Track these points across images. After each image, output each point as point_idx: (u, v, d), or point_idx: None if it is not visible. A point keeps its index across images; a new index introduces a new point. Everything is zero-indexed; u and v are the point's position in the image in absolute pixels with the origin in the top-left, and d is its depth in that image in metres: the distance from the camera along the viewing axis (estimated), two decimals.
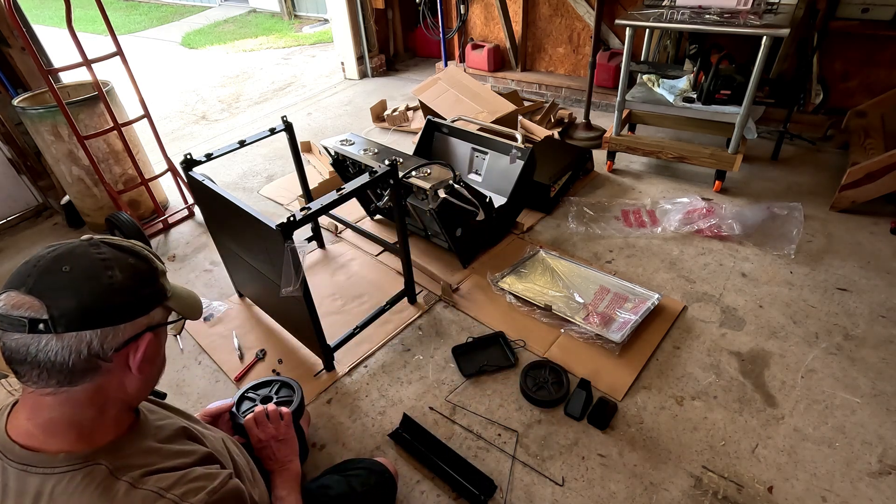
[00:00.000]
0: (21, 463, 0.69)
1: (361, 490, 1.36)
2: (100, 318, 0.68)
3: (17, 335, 0.66)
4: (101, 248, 0.73)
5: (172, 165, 2.94)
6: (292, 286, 1.58)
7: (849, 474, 1.56)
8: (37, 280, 0.67)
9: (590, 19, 3.99)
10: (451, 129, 2.79)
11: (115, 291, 0.70)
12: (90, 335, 0.68)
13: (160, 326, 0.78)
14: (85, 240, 0.74)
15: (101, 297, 0.69)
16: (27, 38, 2.29)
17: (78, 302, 0.67)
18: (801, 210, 2.62)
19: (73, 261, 0.70)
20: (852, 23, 3.04)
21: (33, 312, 0.65)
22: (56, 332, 0.66)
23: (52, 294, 0.67)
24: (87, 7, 6.58)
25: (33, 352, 0.66)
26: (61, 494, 0.67)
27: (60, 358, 0.67)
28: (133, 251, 0.76)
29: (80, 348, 0.67)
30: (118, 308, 0.70)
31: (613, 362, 1.94)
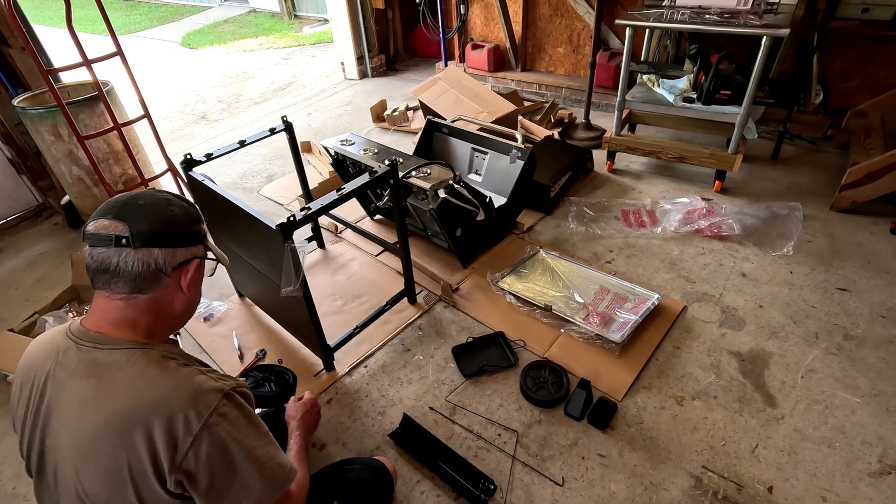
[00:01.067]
0: (93, 343, 0.89)
1: (356, 480, 1.37)
2: (165, 240, 0.90)
3: (104, 249, 0.86)
4: (164, 193, 0.97)
5: (172, 165, 2.93)
6: (292, 286, 1.58)
7: (849, 474, 1.56)
8: (120, 210, 0.89)
9: (590, 19, 3.99)
10: (451, 129, 2.79)
11: (175, 222, 0.93)
12: (157, 252, 0.89)
13: (202, 259, 1.00)
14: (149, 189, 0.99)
15: (166, 224, 0.91)
16: (27, 38, 2.29)
17: (150, 225, 0.89)
18: (801, 210, 2.62)
19: (145, 198, 0.93)
20: (852, 23, 3.04)
21: (118, 231, 0.87)
22: (134, 246, 0.87)
23: (132, 219, 0.88)
24: (87, 7, 6.58)
25: (115, 262, 0.86)
26: (125, 362, 0.87)
27: (135, 268, 0.87)
28: (186, 199, 1.00)
29: (149, 261, 0.88)
30: (177, 235, 0.93)
31: (613, 362, 1.94)
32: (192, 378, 0.88)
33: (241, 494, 0.88)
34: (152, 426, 0.81)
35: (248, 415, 0.91)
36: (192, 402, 0.83)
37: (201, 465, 0.83)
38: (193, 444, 0.82)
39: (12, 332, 2.18)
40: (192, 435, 0.82)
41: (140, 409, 0.82)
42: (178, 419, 0.82)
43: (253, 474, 0.88)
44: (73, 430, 0.84)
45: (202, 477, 0.83)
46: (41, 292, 2.59)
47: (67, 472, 0.85)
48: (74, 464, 0.84)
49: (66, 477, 0.86)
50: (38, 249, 2.96)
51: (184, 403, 0.83)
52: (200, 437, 0.82)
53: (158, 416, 0.81)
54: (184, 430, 0.82)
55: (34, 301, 2.52)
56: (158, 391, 0.84)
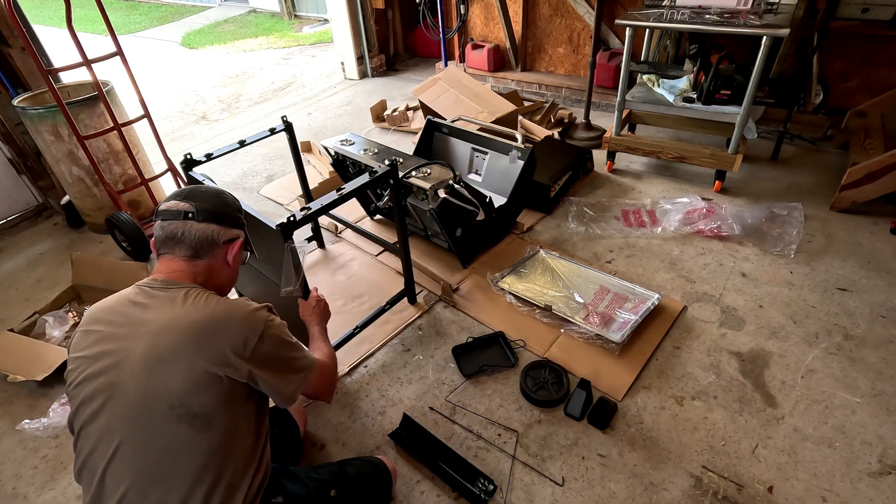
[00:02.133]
0: (162, 285, 1.12)
1: (354, 474, 1.37)
2: (220, 218, 1.19)
3: (175, 222, 1.14)
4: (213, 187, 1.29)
5: (172, 165, 2.93)
6: (292, 286, 1.58)
7: (849, 474, 1.56)
8: (188, 193, 1.18)
9: (590, 19, 3.99)
10: (451, 129, 2.79)
11: (229, 205, 1.23)
12: (214, 227, 1.17)
13: (244, 240, 1.27)
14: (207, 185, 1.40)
15: (223, 206, 1.21)
16: (27, 38, 2.29)
17: (211, 205, 1.18)
18: (801, 210, 2.62)
19: (203, 188, 1.24)
20: (852, 23, 3.04)
21: (188, 208, 1.15)
22: (198, 220, 1.15)
23: (198, 200, 1.17)
24: (87, 7, 6.58)
25: (181, 232, 1.14)
26: (192, 295, 1.10)
27: (196, 237, 1.15)
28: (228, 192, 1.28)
29: (207, 233, 1.16)
30: (229, 216, 1.21)
31: (613, 362, 1.94)
32: (245, 302, 1.15)
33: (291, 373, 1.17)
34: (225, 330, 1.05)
35: (283, 323, 1.20)
36: (251, 314, 1.11)
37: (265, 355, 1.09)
38: (259, 341, 1.08)
39: (12, 332, 2.18)
40: (257, 334, 1.08)
41: (213, 320, 1.06)
42: (245, 326, 1.08)
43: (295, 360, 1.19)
44: (149, 344, 1.02)
45: (267, 362, 1.10)
46: (41, 292, 2.59)
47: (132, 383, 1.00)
48: (145, 372, 1.00)
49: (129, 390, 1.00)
50: (38, 249, 2.96)
51: (245, 316, 1.10)
52: (263, 335, 1.09)
53: (229, 323, 1.07)
54: (251, 332, 1.08)
55: (34, 301, 2.52)
56: (224, 308, 1.09)
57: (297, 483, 1.25)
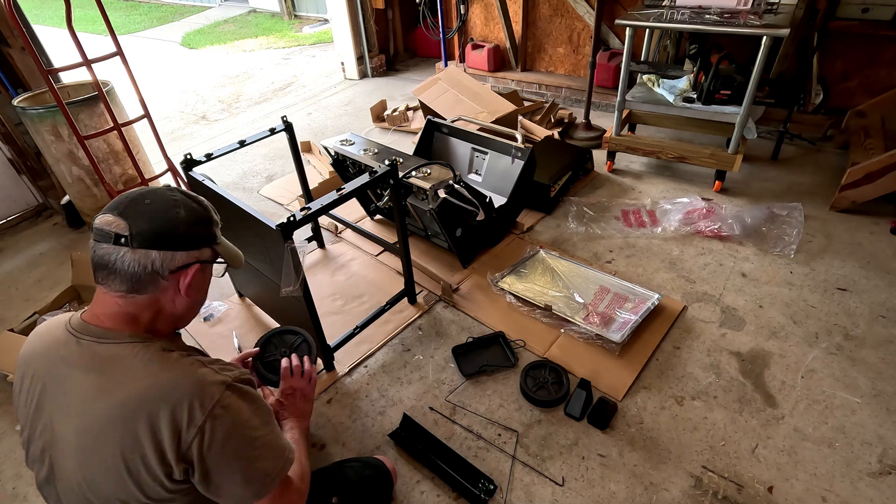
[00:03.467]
0: (94, 337, 0.89)
1: (355, 478, 1.37)
2: (163, 243, 0.89)
3: (105, 245, 0.86)
4: (175, 192, 0.95)
5: (172, 165, 2.93)
6: (292, 286, 1.58)
7: (849, 474, 1.56)
8: (126, 206, 0.89)
9: (590, 19, 3.99)
10: (451, 129, 2.79)
11: (179, 224, 0.91)
12: (154, 254, 0.88)
13: (206, 263, 0.98)
14: (165, 186, 0.98)
15: (168, 226, 0.90)
16: (27, 38, 2.29)
17: (150, 226, 0.88)
18: (801, 210, 2.62)
19: (153, 196, 0.92)
20: (852, 23, 3.04)
21: (119, 229, 0.86)
22: (131, 246, 0.86)
23: (135, 218, 0.87)
24: (87, 7, 6.58)
25: (114, 260, 0.86)
26: (126, 355, 0.88)
27: (131, 268, 0.87)
28: (197, 200, 0.98)
29: (146, 263, 0.88)
30: (178, 238, 0.91)
31: (613, 362, 1.94)
32: (196, 370, 0.89)
33: (241, 483, 0.89)
34: (156, 416, 0.82)
35: (250, 402, 0.92)
36: (195, 394, 0.85)
37: (205, 455, 0.84)
38: (197, 434, 0.83)
39: (12, 332, 2.18)
40: (195, 426, 0.83)
41: (143, 401, 0.83)
42: (182, 410, 0.83)
43: (254, 462, 0.90)
44: (77, 423, 0.86)
45: (205, 465, 0.85)
46: (41, 292, 2.59)
47: (70, 465, 0.87)
48: (78, 456, 0.86)
49: (67, 470, 0.88)
50: (38, 249, 2.96)
51: (187, 395, 0.84)
52: (204, 428, 0.84)
53: (162, 406, 0.83)
54: (188, 420, 0.83)
55: (34, 301, 2.52)
56: (161, 383, 0.85)
57: None
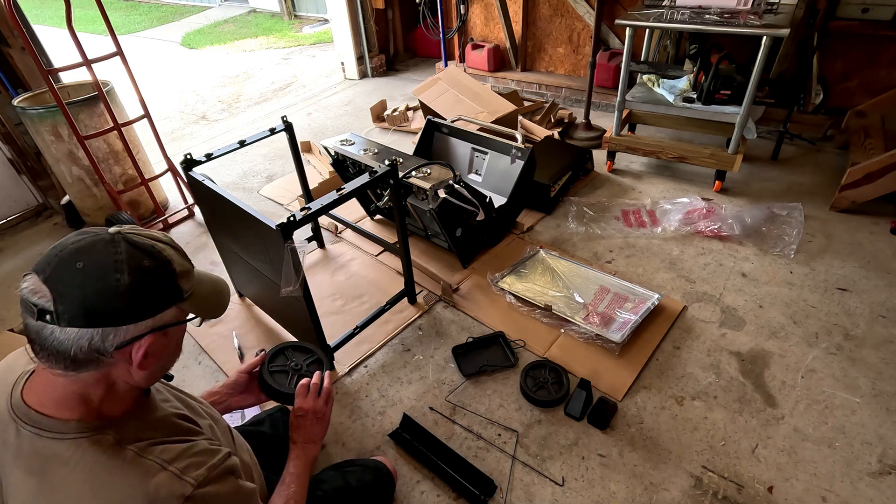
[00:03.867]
0: (35, 426, 0.74)
1: (356, 485, 1.36)
2: (101, 319, 0.71)
3: (29, 318, 0.70)
4: (120, 246, 0.74)
5: (172, 165, 2.94)
6: (292, 286, 1.58)
7: (849, 474, 1.56)
8: (53, 270, 0.70)
9: (590, 19, 3.99)
10: (451, 129, 2.79)
11: (119, 295, 0.71)
12: (91, 332, 0.70)
13: (169, 327, 0.79)
14: (111, 234, 0.75)
15: (104, 300, 0.70)
16: (27, 38, 2.29)
17: (82, 301, 0.69)
18: (801, 210, 2.62)
19: (88, 258, 0.72)
20: (852, 23, 3.04)
21: (44, 302, 0.69)
22: (59, 325, 0.69)
23: (62, 288, 0.69)
24: (87, 7, 6.58)
25: (43, 336, 0.70)
26: (70, 457, 0.73)
27: (64, 348, 0.70)
28: (152, 252, 0.76)
29: (80, 343, 0.70)
30: (120, 311, 0.72)
31: (613, 362, 1.94)
32: (149, 480, 0.73)
33: None
34: None
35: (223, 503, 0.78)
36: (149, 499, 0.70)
37: None
38: None
39: (12, 331, 2.18)
40: None
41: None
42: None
43: None
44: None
45: None
46: None
47: None
48: None
49: None
50: (38, 249, 2.96)
51: None
52: None
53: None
54: None
55: None
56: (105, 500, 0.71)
57: None
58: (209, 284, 0.87)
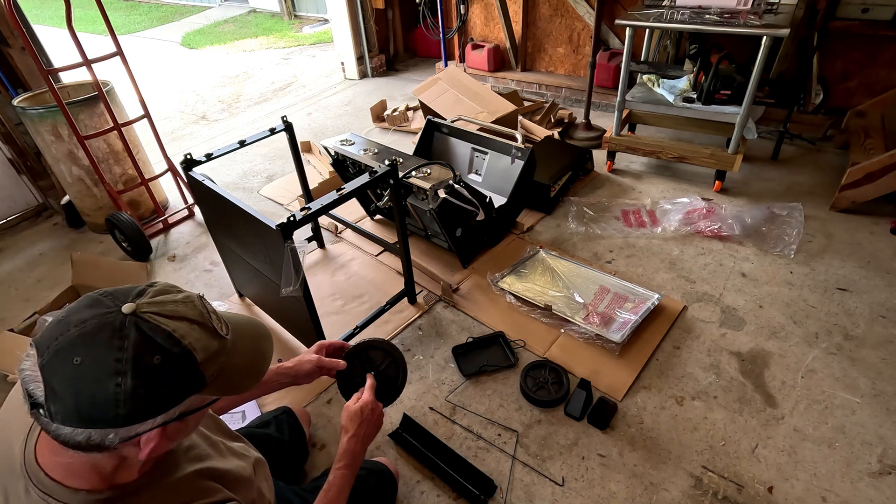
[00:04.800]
0: (43, 490, 0.69)
1: (360, 490, 1.36)
2: (97, 422, 0.62)
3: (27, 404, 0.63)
4: (128, 339, 0.63)
5: (172, 165, 2.94)
6: (292, 286, 1.58)
7: (849, 474, 1.56)
8: (50, 359, 0.62)
9: (590, 19, 3.99)
10: (451, 129, 2.79)
11: (119, 402, 0.61)
12: (89, 431, 0.62)
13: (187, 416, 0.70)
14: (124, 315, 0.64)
15: (101, 407, 0.61)
16: (27, 38, 2.29)
17: (75, 405, 0.61)
18: (801, 210, 2.62)
19: (87, 353, 0.62)
20: (852, 23, 3.04)
21: (38, 395, 0.61)
22: (53, 421, 0.62)
23: (55, 385, 0.61)
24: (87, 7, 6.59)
25: (42, 422, 0.63)
26: None
27: (63, 438, 0.63)
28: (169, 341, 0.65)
29: (78, 439, 0.63)
30: (120, 416, 0.62)
31: (613, 362, 1.94)
32: None
33: None
34: None
35: None
36: None
37: None
38: None
39: (12, 332, 2.18)
40: None
41: None
42: None
43: None
44: None
45: None
46: (41, 292, 2.59)
47: None
48: None
49: None
50: (38, 249, 2.96)
51: None
52: None
53: None
54: None
55: (34, 301, 2.52)
56: None
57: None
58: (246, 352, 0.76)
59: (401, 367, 1.27)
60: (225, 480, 0.85)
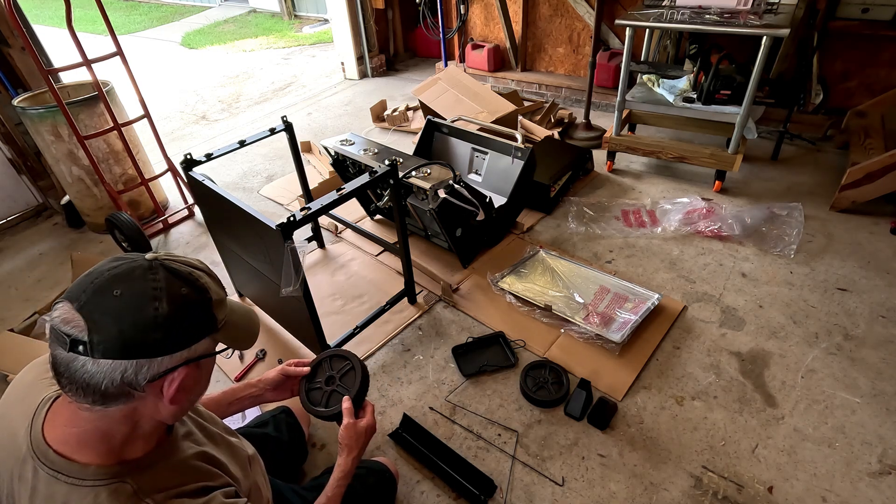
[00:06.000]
0: (53, 469, 0.71)
1: (360, 489, 1.36)
2: (137, 350, 0.68)
3: (59, 348, 0.67)
4: (158, 273, 0.72)
5: (172, 165, 2.94)
6: (292, 286, 1.58)
7: (849, 474, 1.56)
8: (89, 298, 0.68)
9: (590, 19, 3.99)
10: (451, 129, 2.79)
11: (158, 325, 0.69)
12: (125, 364, 0.68)
13: (203, 358, 0.77)
14: (147, 260, 0.74)
15: (142, 330, 0.68)
16: (27, 38, 2.29)
17: (119, 331, 0.67)
18: (801, 210, 2.62)
19: (125, 285, 0.69)
20: (852, 23, 3.04)
21: (77, 332, 0.66)
22: (93, 356, 0.66)
23: (97, 317, 0.67)
24: (87, 7, 6.59)
25: (73, 369, 0.67)
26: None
27: (95, 381, 0.67)
28: (189, 279, 0.75)
29: (113, 376, 0.68)
30: (158, 342, 0.70)
31: (613, 362, 1.94)
32: None
33: None
34: None
35: None
36: None
37: None
38: None
39: (12, 332, 2.18)
40: None
41: None
42: None
43: None
44: None
45: None
46: (41, 292, 2.59)
47: None
48: None
49: None
50: (38, 249, 2.96)
51: None
52: None
53: None
54: None
55: (34, 301, 2.52)
56: None
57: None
58: (241, 314, 0.85)
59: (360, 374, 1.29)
60: (222, 468, 0.88)
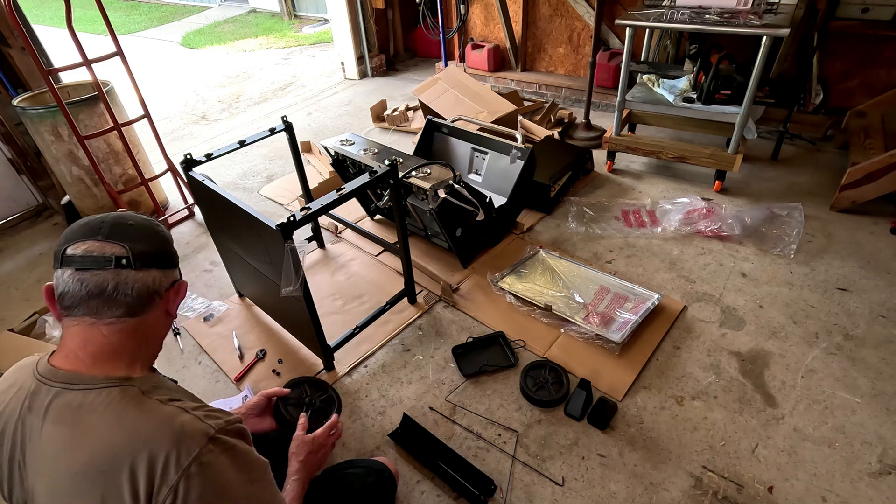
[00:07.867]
0: (63, 382, 0.80)
1: (360, 487, 1.36)
2: (161, 261, 0.89)
3: (100, 273, 0.81)
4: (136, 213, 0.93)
5: (172, 165, 2.94)
6: (292, 286, 1.58)
7: (849, 474, 1.56)
8: (110, 230, 0.85)
9: (590, 19, 3.99)
10: (451, 129, 2.79)
11: (166, 242, 0.92)
12: (155, 273, 0.87)
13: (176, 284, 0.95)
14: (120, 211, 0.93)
15: (161, 245, 0.90)
16: (27, 38, 2.29)
17: (149, 245, 0.87)
18: (801, 210, 2.62)
19: (132, 218, 0.90)
20: (852, 23, 3.05)
21: (117, 252, 0.83)
22: (135, 267, 0.84)
23: (129, 239, 0.85)
24: (87, 7, 6.58)
25: (111, 286, 0.82)
26: (100, 403, 0.78)
27: (135, 290, 0.84)
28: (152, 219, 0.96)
29: (147, 282, 0.86)
30: (170, 255, 0.92)
31: (613, 362, 1.94)
32: (175, 419, 0.79)
33: None
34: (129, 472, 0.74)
35: (239, 457, 0.82)
36: (171, 448, 0.75)
37: None
38: (170, 494, 0.73)
39: (12, 332, 2.18)
40: (168, 485, 0.73)
41: (114, 456, 0.75)
42: (157, 465, 0.74)
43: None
44: (49, 479, 0.78)
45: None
46: (41, 292, 2.58)
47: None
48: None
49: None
50: (38, 249, 2.96)
51: (163, 448, 0.75)
52: (178, 488, 0.74)
53: (137, 460, 0.74)
54: (161, 479, 0.74)
55: (34, 301, 2.52)
56: (136, 434, 0.76)
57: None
58: None
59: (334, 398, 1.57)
60: None
